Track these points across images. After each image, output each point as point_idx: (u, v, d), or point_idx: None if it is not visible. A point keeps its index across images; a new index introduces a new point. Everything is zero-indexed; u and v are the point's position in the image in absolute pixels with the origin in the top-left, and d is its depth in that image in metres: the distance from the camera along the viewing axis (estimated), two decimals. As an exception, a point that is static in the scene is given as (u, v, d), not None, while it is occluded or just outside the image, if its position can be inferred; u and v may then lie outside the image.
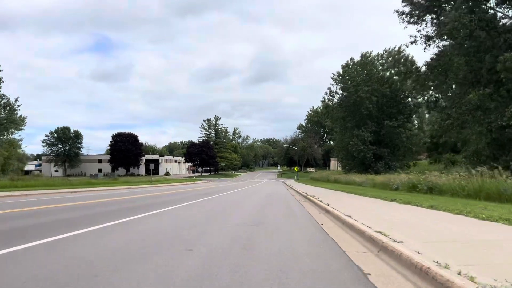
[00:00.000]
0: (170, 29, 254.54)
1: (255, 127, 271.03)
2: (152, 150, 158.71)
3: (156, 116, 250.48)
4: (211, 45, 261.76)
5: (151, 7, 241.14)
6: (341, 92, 52.58)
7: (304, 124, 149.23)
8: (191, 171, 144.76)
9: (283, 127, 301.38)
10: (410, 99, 50.09)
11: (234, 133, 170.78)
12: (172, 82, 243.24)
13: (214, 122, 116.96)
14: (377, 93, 50.35)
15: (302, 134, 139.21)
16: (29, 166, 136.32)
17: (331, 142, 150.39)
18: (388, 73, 52.22)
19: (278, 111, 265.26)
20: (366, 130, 49.47)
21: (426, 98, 50.35)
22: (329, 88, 53.67)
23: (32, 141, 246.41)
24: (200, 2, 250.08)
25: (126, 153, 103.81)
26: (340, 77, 52.34)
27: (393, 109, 50.67)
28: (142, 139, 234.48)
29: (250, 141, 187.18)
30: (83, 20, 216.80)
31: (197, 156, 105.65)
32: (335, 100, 53.61)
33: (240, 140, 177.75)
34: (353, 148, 49.31)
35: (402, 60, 49.42)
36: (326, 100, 53.47)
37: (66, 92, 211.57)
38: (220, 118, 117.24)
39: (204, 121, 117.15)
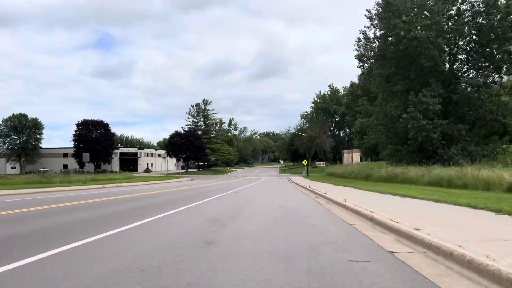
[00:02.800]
0: (173, 25, 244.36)
1: (257, 123, 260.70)
2: (138, 144, 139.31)
3: (158, 113, 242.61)
4: (215, 40, 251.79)
5: (154, 2, 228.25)
6: (383, 36, 32.91)
7: (309, 112, 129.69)
8: (180, 167, 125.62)
9: (286, 123, 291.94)
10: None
11: (230, 124, 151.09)
12: (175, 79, 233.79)
13: (203, 107, 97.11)
14: (447, 33, 30.87)
15: (307, 124, 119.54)
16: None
17: (343, 131, 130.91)
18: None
19: (281, 107, 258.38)
20: (429, 94, 29.93)
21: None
22: (363, 32, 33.90)
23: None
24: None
25: (94, 145, 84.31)
26: (382, 13, 32.63)
27: (477, 59, 31.18)
28: (143, 136, 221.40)
29: (248, 134, 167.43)
30: (85, 16, 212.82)
31: (182, 148, 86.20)
32: (374, 51, 33.82)
33: (236, 133, 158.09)
34: (409, 124, 29.78)
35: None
36: (361, 50, 33.90)
37: (68, 90, 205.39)
38: (211, 102, 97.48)
39: (192, 106, 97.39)
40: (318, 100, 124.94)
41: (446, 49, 32.20)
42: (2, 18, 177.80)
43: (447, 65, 32.72)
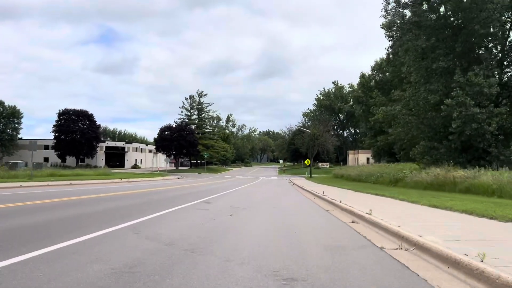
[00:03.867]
0: (177, 22, 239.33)
1: (257, 123, 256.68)
2: (132, 139, 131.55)
3: (159, 111, 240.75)
4: (218, 39, 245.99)
5: None
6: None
7: (312, 110, 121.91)
8: (173, 163, 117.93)
9: (286, 123, 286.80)
10: None
11: (227, 120, 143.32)
12: (177, 76, 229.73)
13: (197, 100, 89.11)
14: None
15: (310, 122, 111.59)
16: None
17: (347, 131, 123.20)
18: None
19: (282, 108, 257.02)
20: (482, 73, 22.42)
21: None
22: (392, -6, 26.19)
23: (32, 133, 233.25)
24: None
25: (77, 137, 76.86)
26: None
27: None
28: (144, 133, 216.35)
29: (246, 131, 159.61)
30: (89, 11, 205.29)
31: (173, 143, 78.55)
32: (405, 18, 26.15)
33: (234, 130, 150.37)
34: (454, 113, 22.28)
35: None
36: (389, 17, 26.23)
37: (70, 84, 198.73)
38: (206, 94, 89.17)
39: (186, 98, 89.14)
40: (322, 97, 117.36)
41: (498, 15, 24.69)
42: (6, 10, 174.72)
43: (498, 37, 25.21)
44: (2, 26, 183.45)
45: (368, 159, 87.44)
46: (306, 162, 59.74)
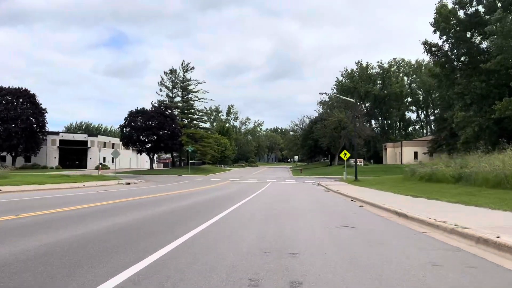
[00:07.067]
0: (188, 24, 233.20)
1: (266, 125, 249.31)
2: (98, 132, 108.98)
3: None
4: (229, 40, 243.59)
5: (171, 1, 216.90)
6: None
7: (330, 96, 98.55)
8: (162, 164, 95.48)
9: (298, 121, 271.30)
10: None
11: (228, 112, 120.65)
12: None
13: (182, 76, 65.96)
14: None
15: (329, 110, 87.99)
16: None
17: (380, 121, 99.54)
18: None
19: (292, 109, 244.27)
20: None
21: None
22: None
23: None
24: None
25: (14, 125, 54.53)
26: None
27: None
28: None
29: (251, 126, 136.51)
30: (100, 15, 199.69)
31: (147, 133, 55.92)
32: None
33: (237, 124, 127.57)
34: None
35: None
36: None
37: (80, 88, 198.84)
38: (192, 68, 65.20)
39: (166, 73, 65.90)
40: (344, 80, 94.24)
41: None
42: (18, 15, 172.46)
43: None
44: (14, 31, 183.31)
45: (416, 153, 64.25)
46: (342, 155, 37.11)
